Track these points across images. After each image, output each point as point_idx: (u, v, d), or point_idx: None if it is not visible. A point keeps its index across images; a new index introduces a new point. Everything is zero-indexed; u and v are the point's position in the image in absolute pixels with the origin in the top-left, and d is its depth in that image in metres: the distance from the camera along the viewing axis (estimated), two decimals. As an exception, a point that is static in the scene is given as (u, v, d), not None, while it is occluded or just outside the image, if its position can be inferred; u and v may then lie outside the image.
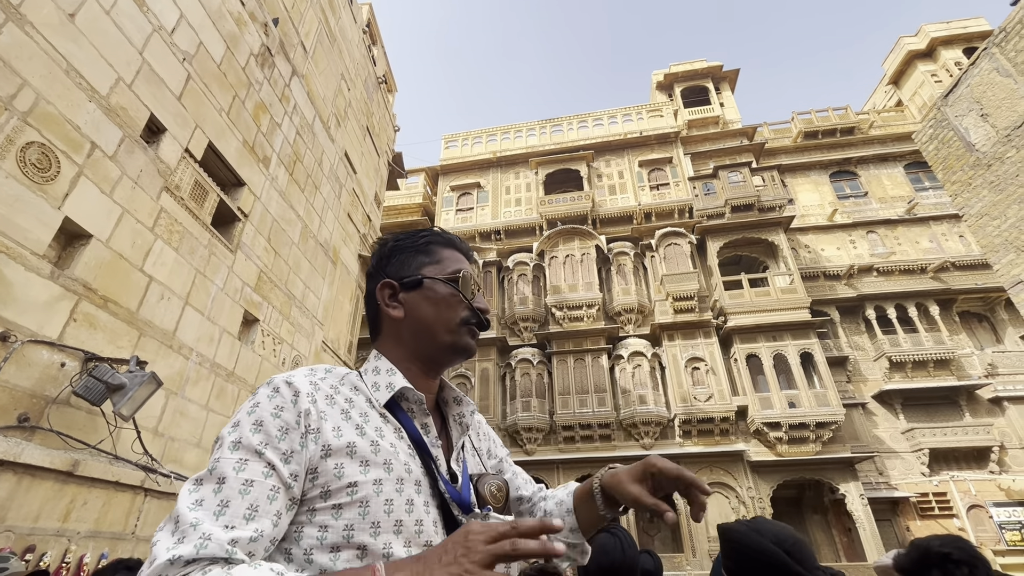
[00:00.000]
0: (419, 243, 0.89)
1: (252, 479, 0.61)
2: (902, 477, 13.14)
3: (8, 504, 3.15)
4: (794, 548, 1.12)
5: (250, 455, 0.63)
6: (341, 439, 0.68)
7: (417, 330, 0.83)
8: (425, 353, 0.84)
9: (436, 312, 0.83)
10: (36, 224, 3.50)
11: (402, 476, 0.70)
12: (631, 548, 1.79)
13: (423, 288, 0.84)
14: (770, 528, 1.18)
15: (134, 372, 3.82)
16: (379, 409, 0.76)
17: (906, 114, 18.91)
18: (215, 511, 0.58)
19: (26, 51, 3.47)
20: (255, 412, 0.66)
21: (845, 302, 15.41)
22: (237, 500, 0.59)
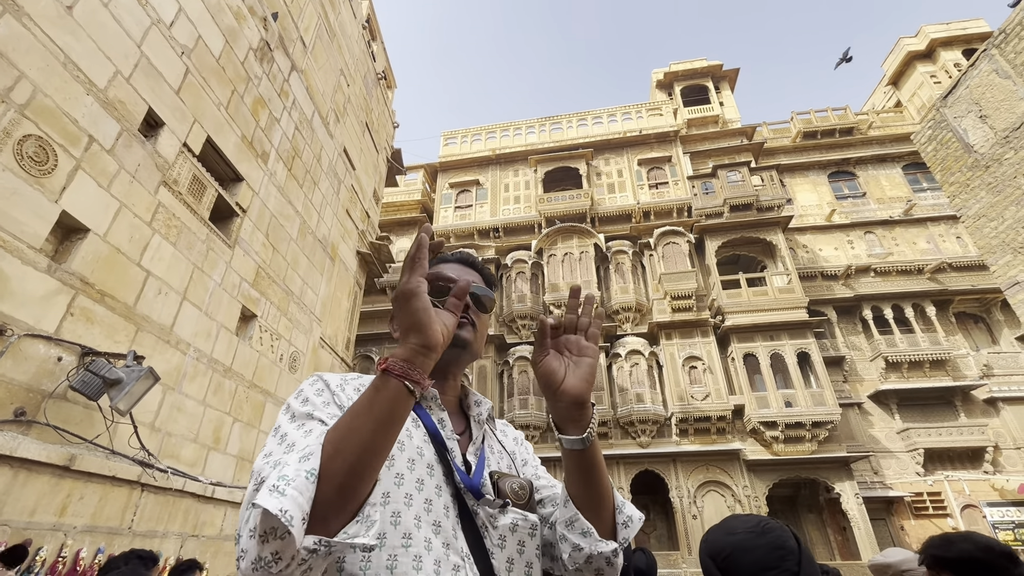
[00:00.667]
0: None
1: (310, 427, 0.68)
2: (897, 477, 13.21)
3: (4, 498, 3.14)
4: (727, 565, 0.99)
5: (304, 419, 0.70)
6: None
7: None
8: None
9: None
10: (33, 218, 3.48)
11: (413, 457, 0.73)
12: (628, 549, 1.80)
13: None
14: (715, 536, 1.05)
15: (131, 367, 3.81)
16: None
17: (905, 115, 18.95)
18: (284, 448, 0.65)
19: (23, 43, 3.45)
20: (301, 394, 0.75)
21: (842, 302, 15.46)
22: (301, 437, 0.66)
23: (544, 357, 0.76)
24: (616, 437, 13.63)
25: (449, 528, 0.72)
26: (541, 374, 0.76)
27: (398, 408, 0.61)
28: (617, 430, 13.70)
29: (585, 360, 0.77)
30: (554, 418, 0.79)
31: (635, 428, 13.38)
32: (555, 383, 0.75)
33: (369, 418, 0.59)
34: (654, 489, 13.40)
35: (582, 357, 0.77)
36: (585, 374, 0.75)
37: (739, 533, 1.01)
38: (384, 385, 0.61)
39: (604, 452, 13.05)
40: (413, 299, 0.64)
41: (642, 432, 13.32)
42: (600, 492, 0.79)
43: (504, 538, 0.77)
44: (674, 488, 12.65)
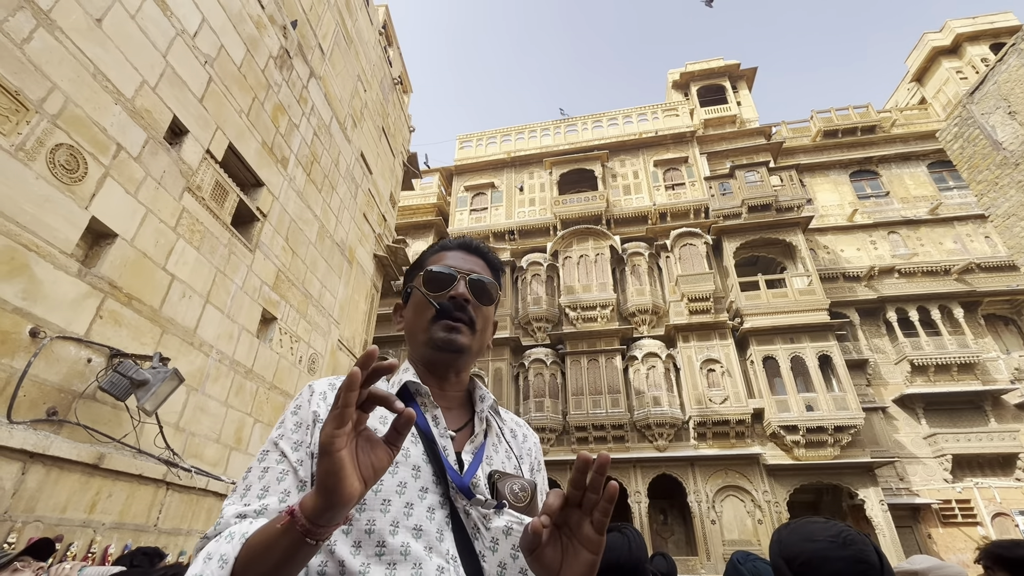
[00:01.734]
0: (418, 259, 0.99)
1: (268, 466, 0.73)
2: (924, 483, 12.85)
3: (37, 495, 3.25)
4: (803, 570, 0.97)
5: (270, 447, 0.75)
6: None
7: (408, 337, 0.93)
8: (420, 358, 0.89)
9: (414, 317, 0.90)
10: (64, 224, 3.60)
11: (397, 459, 0.73)
12: (639, 548, 1.76)
13: (410, 299, 0.93)
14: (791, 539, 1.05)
15: (157, 368, 3.92)
16: None
17: (930, 112, 18.49)
18: (241, 494, 0.70)
19: (56, 55, 3.58)
20: (285, 416, 0.79)
21: (865, 304, 15.12)
22: (256, 483, 0.71)
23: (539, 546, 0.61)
24: (633, 440, 13.52)
25: (432, 531, 0.70)
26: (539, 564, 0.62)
27: (298, 554, 0.58)
28: (634, 433, 13.59)
29: (585, 555, 0.61)
30: None
31: (652, 431, 13.25)
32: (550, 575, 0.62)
33: (270, 556, 0.58)
34: (671, 493, 13.25)
35: (583, 550, 0.61)
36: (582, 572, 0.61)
37: (819, 541, 0.98)
38: (287, 533, 0.57)
39: (621, 455, 13.05)
40: (323, 459, 0.55)
41: (659, 436, 13.18)
42: None
43: (497, 541, 0.73)
44: (692, 493, 12.49)
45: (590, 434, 13.54)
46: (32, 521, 3.19)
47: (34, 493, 3.23)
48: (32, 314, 3.36)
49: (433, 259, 0.94)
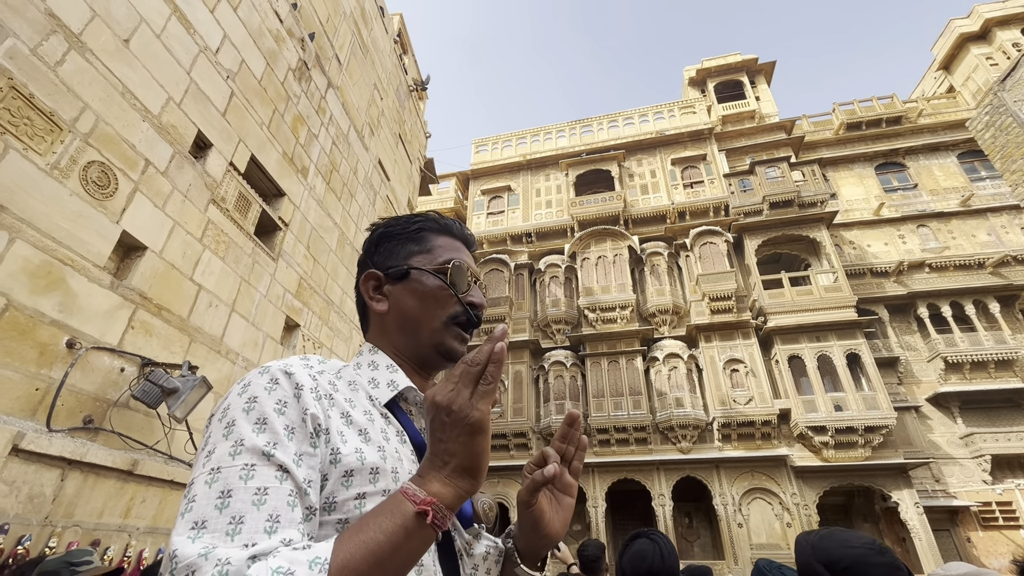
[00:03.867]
0: (410, 230, 0.81)
1: (266, 486, 0.51)
2: (961, 485, 12.40)
3: (75, 501, 3.36)
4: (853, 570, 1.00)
5: (257, 458, 0.52)
6: (347, 444, 0.60)
7: (400, 326, 0.76)
8: (410, 352, 0.77)
9: (421, 307, 0.75)
10: (97, 238, 3.73)
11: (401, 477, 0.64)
12: (671, 556, 1.74)
13: (409, 280, 0.77)
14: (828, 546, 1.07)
15: (186, 376, 4.02)
16: (380, 409, 0.69)
17: (958, 100, 17.91)
18: (227, 530, 0.48)
19: (87, 77, 3.72)
20: (254, 407, 0.56)
21: (895, 300, 14.69)
22: (252, 512, 0.49)
23: (536, 500, 0.68)
24: (656, 443, 13.37)
25: (430, 563, 0.62)
26: (532, 516, 0.68)
27: (420, 556, 0.53)
28: (656, 435, 13.44)
29: (566, 500, 0.71)
30: (521, 549, 0.73)
31: (675, 433, 13.08)
32: (543, 525, 0.68)
33: (392, 567, 0.50)
34: (697, 496, 13.05)
35: (564, 496, 0.71)
36: (565, 517, 0.70)
37: (857, 547, 1.03)
38: (419, 533, 0.51)
39: (644, 458, 12.91)
40: (480, 436, 0.55)
41: (683, 437, 13.00)
42: None
43: (477, 567, 0.73)
44: (718, 495, 12.28)
45: (612, 436, 13.43)
46: (71, 526, 3.30)
47: (72, 499, 3.35)
48: (68, 326, 3.48)
49: (443, 244, 0.80)
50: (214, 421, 0.57)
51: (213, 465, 0.52)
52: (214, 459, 0.53)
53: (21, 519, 3.01)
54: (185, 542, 0.47)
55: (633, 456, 13.14)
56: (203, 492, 0.50)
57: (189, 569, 0.45)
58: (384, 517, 0.51)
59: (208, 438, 0.56)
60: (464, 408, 0.54)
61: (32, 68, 3.31)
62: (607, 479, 13.09)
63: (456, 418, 0.54)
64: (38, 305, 3.29)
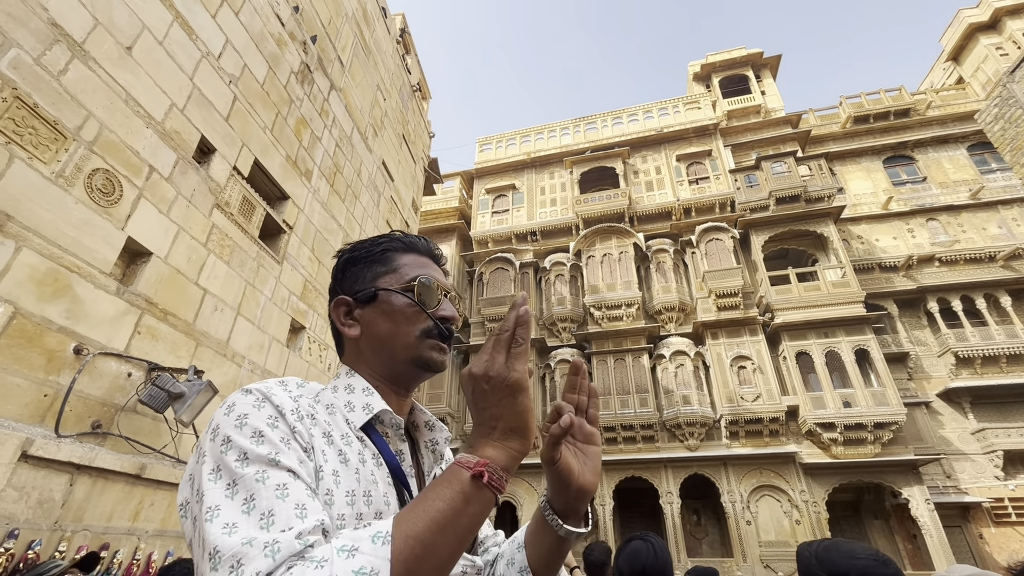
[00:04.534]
0: (375, 252, 0.82)
1: (284, 483, 0.53)
2: (973, 481, 12.28)
3: (85, 505, 3.40)
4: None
5: (266, 465, 0.54)
6: (328, 464, 0.61)
7: (375, 348, 0.77)
8: (388, 371, 0.77)
9: (393, 326, 0.76)
10: (103, 245, 3.77)
11: (381, 509, 0.64)
12: (663, 552, 1.86)
13: (378, 302, 0.77)
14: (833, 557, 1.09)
15: (192, 381, 4.05)
16: (356, 432, 0.69)
17: (968, 92, 17.66)
18: (261, 524, 0.49)
19: (90, 85, 3.74)
20: (247, 423, 0.57)
21: (904, 295, 14.55)
22: (280, 505, 0.51)
23: (560, 455, 0.67)
24: (663, 440, 13.33)
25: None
26: (559, 471, 0.66)
27: (483, 521, 0.54)
28: (663, 433, 13.40)
29: (592, 449, 0.70)
30: (556, 507, 0.71)
31: (682, 431, 13.04)
32: (573, 479, 0.67)
33: (455, 533, 0.51)
34: (705, 493, 13.01)
35: (589, 445, 0.70)
36: (595, 465, 0.69)
37: (862, 558, 1.05)
38: (478, 496, 0.53)
39: (651, 456, 12.88)
40: (522, 395, 0.57)
41: (690, 435, 12.96)
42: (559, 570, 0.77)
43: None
44: (726, 493, 12.23)
45: (619, 434, 13.41)
46: (81, 530, 3.34)
47: (82, 503, 3.39)
48: (75, 332, 3.52)
49: (409, 262, 0.81)
50: (205, 441, 0.57)
51: (227, 481, 0.53)
52: (226, 475, 0.53)
53: (31, 524, 3.05)
54: (223, 538, 0.47)
55: (640, 454, 13.11)
56: (225, 504, 0.51)
57: (235, 558, 0.46)
58: (442, 487, 0.53)
59: (203, 456, 0.56)
60: (502, 371, 0.57)
61: (36, 78, 3.34)
62: (614, 477, 13.08)
63: (496, 382, 0.57)
64: (45, 312, 3.32)
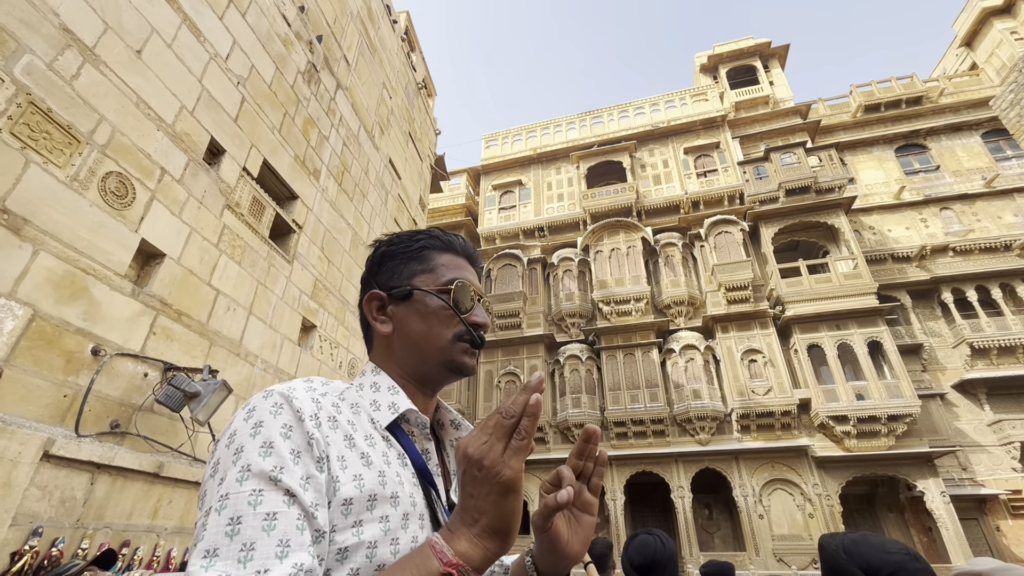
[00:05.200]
0: (412, 248, 0.81)
1: (275, 511, 0.51)
2: (989, 473, 12.12)
3: (105, 503, 3.47)
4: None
5: (264, 483, 0.53)
6: (347, 470, 0.60)
7: (406, 347, 0.76)
8: (417, 371, 0.77)
9: (426, 328, 0.75)
10: (117, 247, 3.82)
11: (408, 511, 0.63)
12: (669, 543, 1.95)
13: (413, 300, 0.76)
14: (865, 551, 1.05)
15: (207, 380, 4.11)
16: (382, 432, 0.69)
17: (982, 78, 17.32)
18: (239, 557, 0.48)
19: (102, 89, 3.79)
20: (260, 432, 0.56)
21: (917, 286, 14.36)
22: (263, 538, 0.50)
23: (552, 523, 0.65)
24: (673, 435, 13.29)
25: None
26: (549, 536, 0.66)
27: None
28: (674, 427, 13.36)
29: (586, 519, 0.69)
30: (541, 568, 0.71)
31: (693, 425, 13.00)
32: (560, 547, 0.66)
33: None
34: (716, 487, 12.97)
35: (583, 514, 0.69)
36: (586, 536, 0.68)
37: (895, 553, 1.01)
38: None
39: (661, 450, 12.86)
40: (512, 496, 0.55)
41: (700, 429, 12.91)
42: None
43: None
44: (737, 487, 12.18)
45: (629, 429, 13.39)
46: (102, 528, 3.41)
47: (102, 501, 3.45)
48: (93, 333, 3.58)
49: (446, 262, 0.80)
50: (220, 447, 0.57)
51: (223, 492, 0.52)
52: (224, 486, 0.53)
53: (54, 522, 3.12)
54: (200, 571, 0.47)
55: (651, 449, 13.09)
56: (213, 520, 0.51)
57: None
58: (410, 571, 0.52)
59: (216, 464, 0.56)
60: (496, 465, 0.54)
61: (49, 83, 3.39)
62: (625, 472, 13.08)
63: (487, 474, 0.54)
64: (63, 314, 3.38)
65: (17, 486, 2.90)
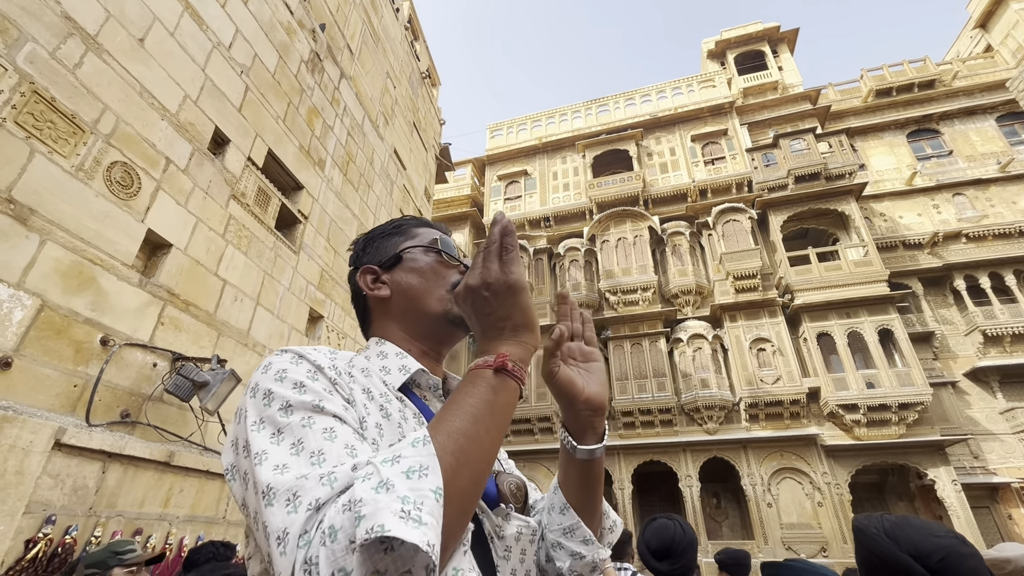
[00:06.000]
0: (392, 226, 0.86)
1: (331, 426, 0.52)
2: (1001, 461, 12.02)
3: (117, 492, 3.49)
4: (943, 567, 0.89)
5: (311, 411, 0.53)
6: (370, 417, 0.60)
7: (406, 305, 0.77)
8: (419, 330, 0.77)
9: (423, 281, 0.77)
10: (124, 237, 3.81)
11: None
12: (690, 529, 1.94)
13: (404, 262, 0.79)
14: (912, 535, 0.96)
15: (216, 370, 4.11)
16: (395, 393, 0.69)
17: (997, 60, 16.94)
18: (312, 461, 0.48)
19: (105, 78, 3.76)
20: (286, 376, 0.57)
21: (929, 273, 14.17)
22: (329, 445, 0.50)
23: (559, 367, 0.69)
24: (681, 424, 13.27)
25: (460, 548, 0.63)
26: (560, 384, 0.69)
27: (512, 411, 0.56)
28: (682, 417, 13.33)
29: (595, 365, 0.73)
30: (571, 427, 0.73)
31: (701, 414, 12.96)
32: (578, 392, 0.69)
33: (492, 423, 0.52)
34: (724, 476, 12.96)
35: (590, 362, 0.73)
36: (601, 379, 0.72)
37: (943, 536, 0.94)
38: (504, 387, 0.55)
39: (669, 439, 12.84)
40: (523, 294, 0.60)
41: (708, 418, 12.88)
42: (599, 499, 0.77)
43: (509, 548, 0.69)
44: (746, 476, 12.16)
45: (637, 419, 13.38)
46: (114, 516, 3.43)
47: (114, 490, 3.47)
48: (101, 324, 3.58)
49: (424, 231, 0.84)
50: (247, 401, 0.56)
51: (272, 430, 0.52)
52: (270, 425, 0.52)
53: (67, 510, 3.14)
54: (275, 476, 0.47)
55: (659, 438, 13.08)
56: (273, 449, 0.50)
57: (291, 491, 0.45)
58: (468, 387, 0.54)
59: (245, 414, 0.55)
60: (499, 276, 0.59)
61: (52, 72, 3.36)
62: (633, 461, 13.09)
63: (496, 287, 0.59)
64: (71, 304, 3.38)
65: (30, 474, 2.91)
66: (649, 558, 1.88)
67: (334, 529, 0.41)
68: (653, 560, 1.87)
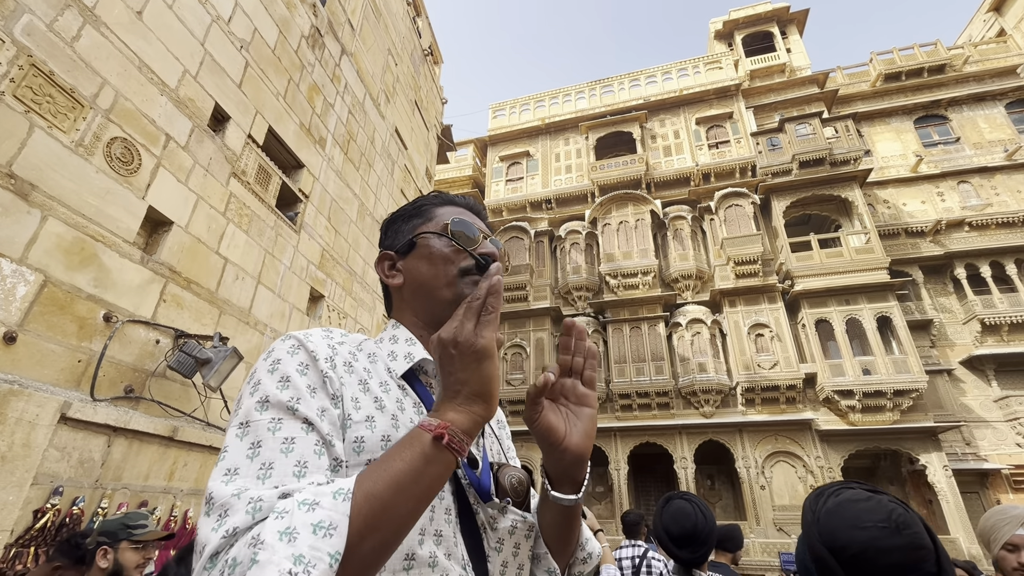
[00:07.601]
0: (413, 208, 0.85)
1: (292, 436, 0.54)
2: (993, 448, 12.18)
3: (123, 465, 3.56)
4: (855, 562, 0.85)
5: (283, 412, 0.56)
6: (360, 411, 0.62)
7: (417, 292, 0.78)
8: (431, 315, 0.77)
9: (432, 268, 0.77)
10: (125, 214, 3.81)
11: None
12: (710, 514, 1.86)
13: (417, 248, 0.79)
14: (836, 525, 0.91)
15: (218, 347, 4.15)
16: (397, 380, 0.70)
17: (1009, 45, 16.64)
18: (258, 475, 0.51)
19: (103, 51, 3.71)
20: (278, 368, 0.60)
21: (930, 261, 14.15)
22: (281, 459, 0.52)
23: (540, 412, 0.67)
24: (678, 407, 13.41)
25: (451, 535, 0.63)
26: (540, 431, 0.67)
27: (443, 483, 0.54)
28: (679, 400, 13.47)
29: (585, 411, 0.70)
30: (550, 472, 0.71)
31: (698, 398, 13.09)
32: (557, 440, 0.67)
33: (415, 493, 0.51)
34: (719, 459, 13.14)
35: (582, 407, 0.70)
36: (587, 428, 0.69)
37: (869, 527, 0.86)
38: (438, 457, 0.52)
39: (666, 422, 13.00)
40: (487, 362, 0.57)
41: (705, 402, 13.01)
42: (573, 540, 0.76)
43: (502, 540, 0.70)
44: (740, 459, 12.34)
45: (634, 401, 13.52)
46: (120, 488, 3.51)
47: (120, 463, 3.54)
48: (104, 300, 3.60)
49: (445, 212, 0.82)
50: (245, 385, 0.61)
51: (242, 420, 0.56)
52: (242, 414, 0.57)
53: (74, 482, 3.21)
54: (219, 485, 0.50)
55: (655, 421, 13.23)
56: (235, 444, 0.54)
57: (223, 508, 0.48)
58: (403, 449, 0.53)
59: (240, 400, 0.60)
60: (469, 338, 0.57)
61: (50, 44, 3.32)
62: (629, 443, 13.26)
63: (463, 348, 0.57)
64: (74, 281, 3.39)
65: (36, 447, 2.97)
66: (670, 545, 1.82)
67: (236, 562, 0.43)
68: (674, 547, 1.81)
